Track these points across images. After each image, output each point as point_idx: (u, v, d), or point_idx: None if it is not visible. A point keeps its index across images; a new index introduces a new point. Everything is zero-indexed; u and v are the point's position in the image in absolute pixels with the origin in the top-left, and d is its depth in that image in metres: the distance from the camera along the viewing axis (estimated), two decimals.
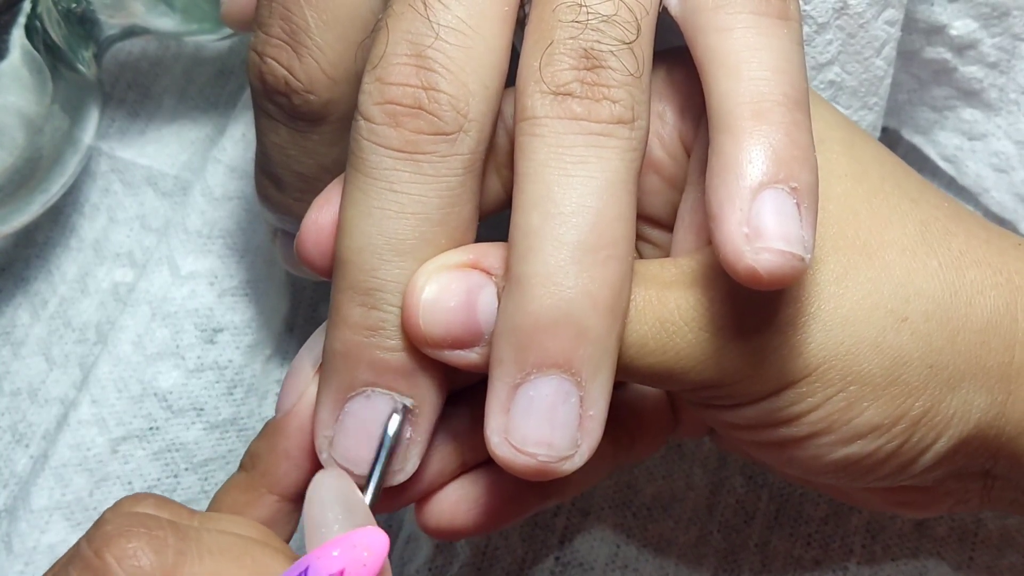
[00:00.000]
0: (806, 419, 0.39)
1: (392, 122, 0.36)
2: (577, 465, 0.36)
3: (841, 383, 0.38)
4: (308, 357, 0.40)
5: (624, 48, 0.36)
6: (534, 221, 0.36)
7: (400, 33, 0.37)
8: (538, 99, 0.36)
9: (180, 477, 0.52)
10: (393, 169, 0.37)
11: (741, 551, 0.51)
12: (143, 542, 0.36)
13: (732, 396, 0.39)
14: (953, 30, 0.50)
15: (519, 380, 0.36)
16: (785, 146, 0.36)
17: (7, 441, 0.53)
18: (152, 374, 0.52)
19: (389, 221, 0.37)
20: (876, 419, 0.39)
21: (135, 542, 0.36)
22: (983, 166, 0.53)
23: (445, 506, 0.42)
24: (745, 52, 0.37)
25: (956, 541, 0.51)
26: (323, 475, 0.38)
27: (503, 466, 0.36)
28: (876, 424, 0.39)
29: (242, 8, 0.48)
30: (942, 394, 0.39)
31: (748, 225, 0.35)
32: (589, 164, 0.36)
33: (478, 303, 0.37)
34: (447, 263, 0.37)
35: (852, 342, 0.38)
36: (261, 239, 0.53)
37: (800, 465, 0.40)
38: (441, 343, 0.37)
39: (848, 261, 0.39)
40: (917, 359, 0.39)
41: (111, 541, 0.36)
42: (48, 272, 0.55)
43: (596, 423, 0.36)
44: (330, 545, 0.36)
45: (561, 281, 0.35)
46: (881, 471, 0.40)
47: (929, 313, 0.39)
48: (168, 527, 0.37)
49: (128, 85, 0.57)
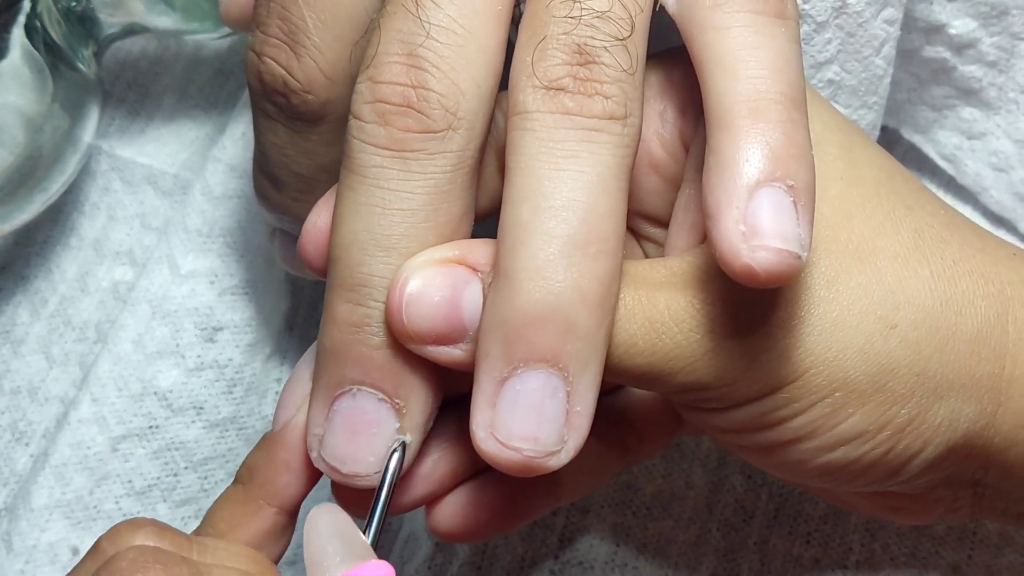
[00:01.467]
0: (791, 424, 0.39)
1: (381, 120, 0.36)
2: (563, 461, 0.36)
3: (827, 389, 0.38)
4: (307, 368, 0.40)
5: (618, 44, 0.36)
6: (524, 215, 0.36)
7: (392, 32, 0.37)
8: (530, 93, 0.36)
9: (180, 476, 0.52)
10: (381, 167, 0.37)
11: (740, 550, 0.51)
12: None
13: (720, 399, 0.38)
14: (952, 29, 0.50)
15: (506, 374, 0.36)
16: (782, 144, 0.36)
17: (7, 440, 0.53)
18: (152, 373, 0.52)
19: (375, 217, 0.37)
20: (861, 425, 0.39)
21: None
22: (982, 165, 0.53)
23: (456, 509, 0.42)
24: (742, 51, 0.37)
25: (955, 540, 0.51)
26: (318, 511, 0.38)
27: (488, 461, 0.36)
28: (861, 431, 0.39)
29: (241, 7, 0.48)
30: (929, 402, 0.39)
31: (745, 223, 0.35)
32: (580, 159, 0.36)
33: (463, 299, 0.37)
34: (432, 258, 0.37)
35: (840, 347, 0.38)
36: (261, 238, 0.53)
37: (786, 469, 0.40)
38: (424, 338, 0.37)
39: (840, 265, 0.39)
40: (904, 367, 0.38)
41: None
42: (48, 271, 0.55)
43: (583, 419, 0.36)
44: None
45: (550, 275, 0.35)
46: (867, 477, 0.40)
47: (919, 321, 0.39)
48: (182, 564, 0.37)
49: (128, 84, 0.57)
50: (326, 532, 0.37)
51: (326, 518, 0.38)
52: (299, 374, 0.41)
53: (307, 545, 0.37)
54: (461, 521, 0.42)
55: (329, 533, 0.37)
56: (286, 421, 0.40)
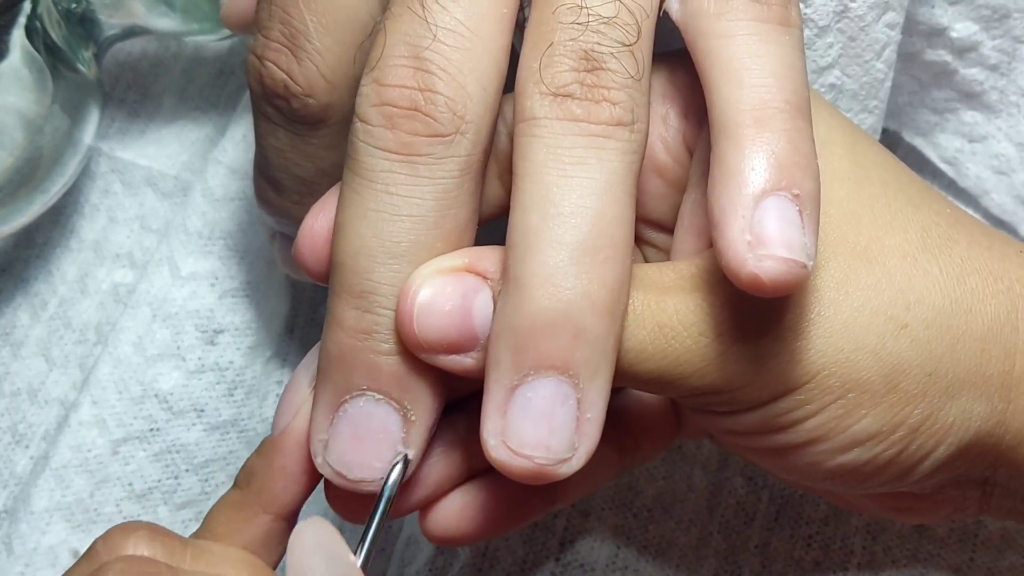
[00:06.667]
0: (804, 426, 0.39)
1: (388, 124, 0.36)
2: (575, 468, 0.36)
3: (840, 390, 0.38)
4: (305, 374, 0.40)
5: (624, 50, 0.36)
6: (533, 222, 0.36)
7: (398, 35, 0.37)
8: (537, 100, 0.36)
9: (180, 478, 0.52)
10: (389, 171, 0.36)
11: (741, 552, 0.51)
12: None
13: (731, 402, 0.38)
14: (954, 32, 0.50)
15: (516, 382, 0.36)
16: (787, 153, 0.36)
17: (7, 442, 0.53)
18: (153, 375, 0.52)
19: (384, 223, 0.37)
20: (874, 427, 0.39)
21: None
22: (983, 168, 0.53)
23: (449, 513, 0.42)
24: (747, 59, 0.37)
25: (956, 542, 0.51)
26: (304, 525, 0.38)
27: (500, 469, 0.36)
28: (874, 432, 0.39)
29: (242, 10, 0.48)
30: (941, 402, 0.39)
31: (751, 232, 0.35)
32: (588, 165, 0.36)
33: (473, 307, 0.37)
34: (442, 267, 0.37)
35: (851, 349, 0.38)
36: (262, 240, 0.53)
37: (798, 472, 0.40)
38: (436, 347, 0.37)
39: (849, 266, 0.39)
40: (916, 367, 0.39)
41: None
42: (48, 273, 0.55)
43: (594, 426, 0.36)
44: None
45: (559, 282, 0.35)
46: (879, 478, 0.40)
47: (929, 320, 0.39)
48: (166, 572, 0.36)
49: (128, 85, 0.57)
50: (311, 548, 0.37)
51: (311, 533, 0.37)
52: (298, 379, 0.40)
53: (289, 561, 0.37)
54: (454, 525, 0.42)
55: (314, 550, 0.37)
56: (284, 426, 0.40)
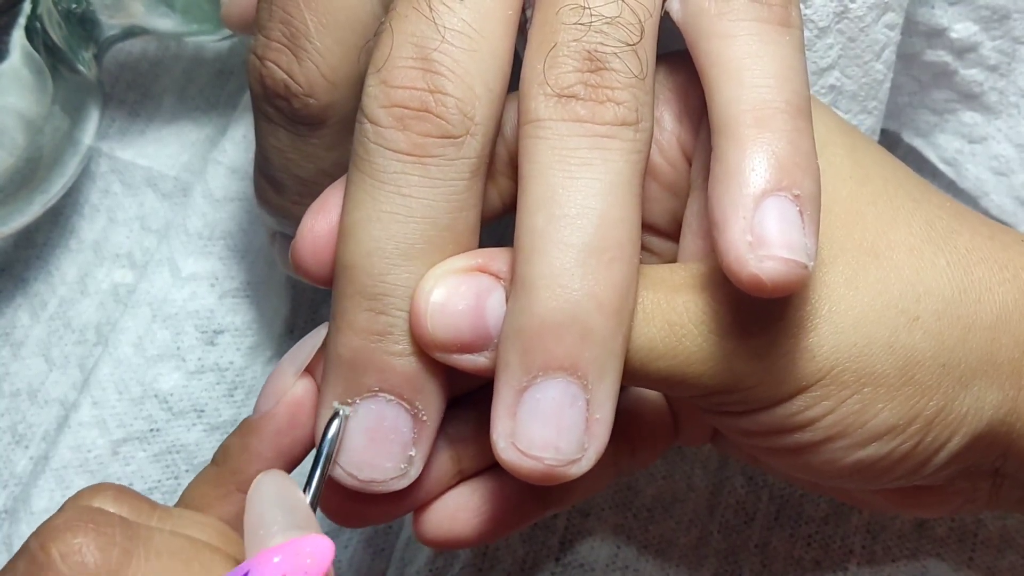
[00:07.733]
0: (821, 423, 0.38)
1: (399, 125, 0.36)
2: (584, 469, 0.36)
3: (856, 385, 0.38)
4: (291, 363, 0.40)
5: (628, 50, 0.36)
6: (539, 223, 0.36)
7: (405, 35, 0.37)
8: (542, 101, 0.36)
9: (181, 479, 0.52)
10: (401, 172, 0.36)
11: (741, 552, 0.51)
12: (89, 538, 0.35)
13: (745, 402, 0.38)
14: (953, 33, 0.50)
15: (525, 383, 0.36)
16: (788, 154, 0.36)
17: (7, 442, 0.53)
18: (153, 376, 0.52)
19: (398, 225, 0.37)
20: (891, 420, 0.39)
21: (81, 538, 0.35)
22: (983, 169, 0.53)
23: (443, 515, 0.42)
24: (747, 59, 0.37)
25: (956, 541, 0.51)
26: (264, 476, 0.38)
27: (509, 470, 0.36)
28: (891, 425, 0.39)
29: (242, 10, 0.48)
30: (955, 392, 0.39)
31: (751, 233, 0.35)
32: (593, 166, 0.36)
33: (487, 307, 0.37)
34: (455, 267, 0.37)
35: (865, 343, 0.38)
36: (262, 241, 0.53)
37: (815, 470, 0.40)
38: (450, 347, 0.37)
39: (857, 263, 0.39)
40: (930, 358, 0.39)
41: (57, 535, 0.36)
42: (48, 273, 0.55)
43: (603, 426, 0.36)
44: (272, 551, 0.35)
45: (566, 283, 0.35)
46: (895, 472, 0.40)
47: (940, 311, 0.39)
48: (118, 524, 0.36)
49: (128, 85, 0.57)
50: (268, 499, 0.37)
51: (270, 484, 0.37)
52: (283, 367, 0.40)
53: (248, 511, 0.37)
54: (447, 528, 0.42)
55: (272, 501, 0.37)
56: (265, 411, 0.40)
